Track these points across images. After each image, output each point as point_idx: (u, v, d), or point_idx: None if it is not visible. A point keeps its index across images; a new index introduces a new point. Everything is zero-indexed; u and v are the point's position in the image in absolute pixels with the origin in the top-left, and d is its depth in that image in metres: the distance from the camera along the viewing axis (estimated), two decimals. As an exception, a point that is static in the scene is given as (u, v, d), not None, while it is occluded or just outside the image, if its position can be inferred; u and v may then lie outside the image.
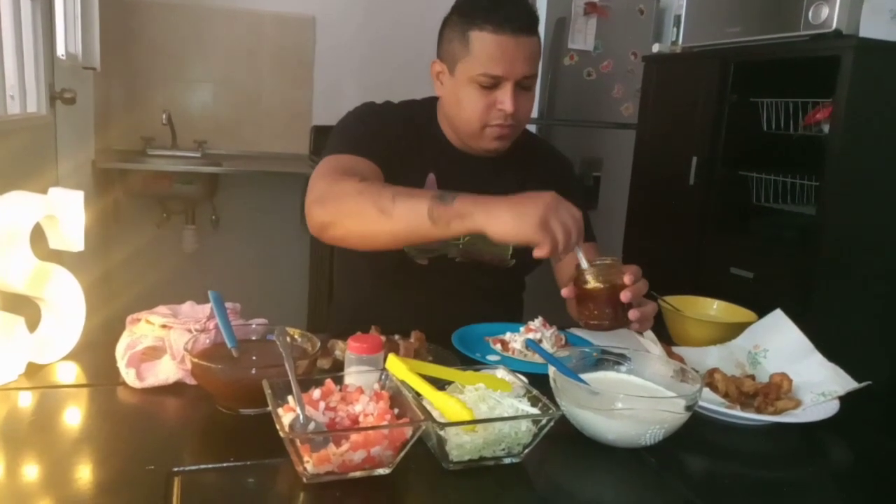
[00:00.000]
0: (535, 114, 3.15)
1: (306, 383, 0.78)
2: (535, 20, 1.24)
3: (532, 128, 3.15)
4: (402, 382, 0.79)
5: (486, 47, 1.20)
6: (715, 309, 1.34)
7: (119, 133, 3.05)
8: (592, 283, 1.04)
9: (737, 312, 1.30)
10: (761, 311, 1.21)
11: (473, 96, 1.23)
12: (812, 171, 2.13)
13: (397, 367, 0.81)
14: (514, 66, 1.20)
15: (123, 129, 3.06)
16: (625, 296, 1.02)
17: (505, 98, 1.21)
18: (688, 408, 0.81)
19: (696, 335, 1.22)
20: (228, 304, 1.07)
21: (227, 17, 3.15)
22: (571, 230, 0.98)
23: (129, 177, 2.90)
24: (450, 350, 1.08)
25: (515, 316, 1.48)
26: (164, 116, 2.94)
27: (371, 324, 1.06)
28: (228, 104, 3.23)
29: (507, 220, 0.97)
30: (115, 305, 1.34)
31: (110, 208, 3.02)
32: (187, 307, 1.05)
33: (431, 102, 1.39)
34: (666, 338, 1.23)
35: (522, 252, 1.35)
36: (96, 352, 0.99)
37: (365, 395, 0.77)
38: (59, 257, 1.00)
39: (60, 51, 2.23)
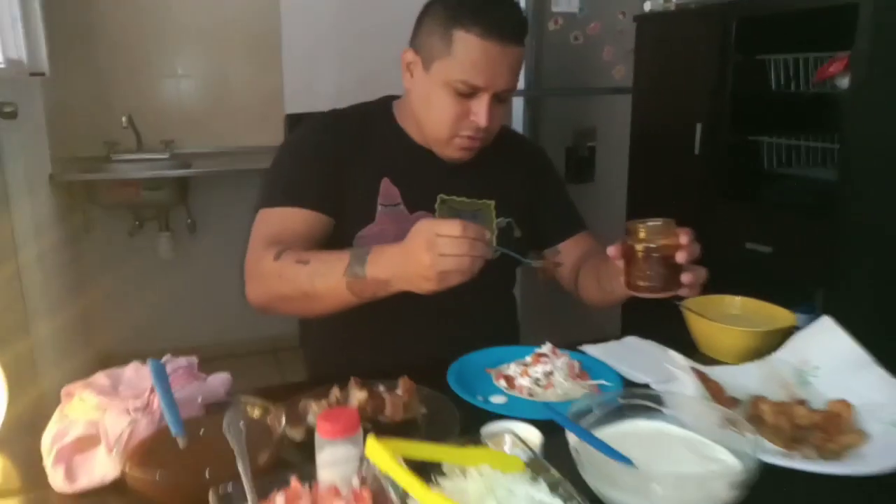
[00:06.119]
0: (521, 85, 2.94)
1: (267, 486, 0.62)
2: (525, 28, 1.12)
3: (520, 99, 2.96)
4: (386, 476, 0.63)
5: (469, 52, 1.08)
6: (738, 307, 1.18)
7: (80, 140, 2.83)
8: (646, 242, 0.97)
9: (765, 310, 1.15)
10: (784, 291, 1.05)
11: (446, 102, 1.12)
12: (828, 132, 1.95)
13: (379, 453, 0.64)
14: (497, 78, 1.10)
15: (84, 135, 2.84)
16: (681, 256, 0.97)
17: (480, 110, 1.12)
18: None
19: (727, 344, 1.07)
20: (183, 361, 0.91)
21: (187, 5, 2.93)
22: (458, 254, 0.88)
23: (93, 187, 2.71)
24: (446, 393, 0.92)
25: (511, 313, 1.38)
26: (123, 120, 2.74)
27: (349, 347, 0.91)
28: (194, 98, 3.02)
29: (417, 284, 0.93)
30: (91, 334, 1.18)
31: (79, 221, 2.83)
32: (131, 371, 0.89)
33: (386, 102, 1.30)
34: (691, 347, 1.09)
35: (506, 242, 1.25)
36: (26, 439, 0.82)
37: (341, 497, 0.61)
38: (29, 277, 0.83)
39: (-2, 59, 2.02)
